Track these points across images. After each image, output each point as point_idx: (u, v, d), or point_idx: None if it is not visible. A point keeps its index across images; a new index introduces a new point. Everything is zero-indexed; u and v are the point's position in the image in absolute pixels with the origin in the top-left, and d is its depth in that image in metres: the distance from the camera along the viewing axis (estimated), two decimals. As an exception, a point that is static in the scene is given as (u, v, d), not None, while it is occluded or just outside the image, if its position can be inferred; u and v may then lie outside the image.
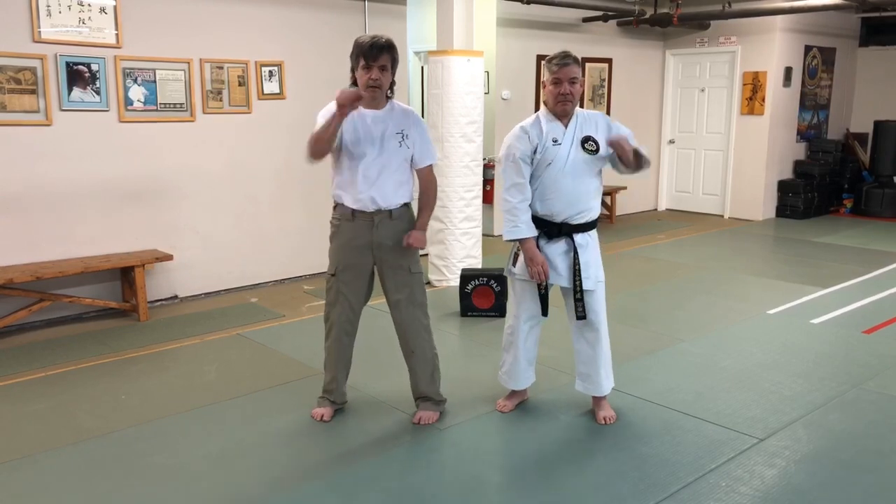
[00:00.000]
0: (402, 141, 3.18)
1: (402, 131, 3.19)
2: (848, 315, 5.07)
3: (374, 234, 3.19)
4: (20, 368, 4.14)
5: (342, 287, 3.28)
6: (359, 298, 3.32)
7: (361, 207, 3.17)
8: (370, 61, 3.05)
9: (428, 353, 3.40)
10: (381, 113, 3.18)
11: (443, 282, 5.87)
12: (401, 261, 3.25)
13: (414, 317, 3.32)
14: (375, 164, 3.14)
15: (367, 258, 3.24)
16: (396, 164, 3.18)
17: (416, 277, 3.30)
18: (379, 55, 3.05)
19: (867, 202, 9.12)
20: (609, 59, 8.80)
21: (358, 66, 3.09)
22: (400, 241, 3.21)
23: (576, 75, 3.14)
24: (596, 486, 2.85)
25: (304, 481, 2.91)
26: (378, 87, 3.10)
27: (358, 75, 3.11)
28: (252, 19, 5.59)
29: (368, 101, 3.12)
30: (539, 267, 3.27)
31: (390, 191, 3.18)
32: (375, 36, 3.08)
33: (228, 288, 5.78)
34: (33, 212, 4.82)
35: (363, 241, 3.21)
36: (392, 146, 3.16)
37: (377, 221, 3.18)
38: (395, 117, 3.20)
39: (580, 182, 3.18)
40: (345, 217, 3.22)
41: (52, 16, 4.70)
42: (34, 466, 3.04)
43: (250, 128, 5.69)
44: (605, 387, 3.40)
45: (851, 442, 3.21)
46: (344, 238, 3.24)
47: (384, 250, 3.22)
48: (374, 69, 3.06)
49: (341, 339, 3.36)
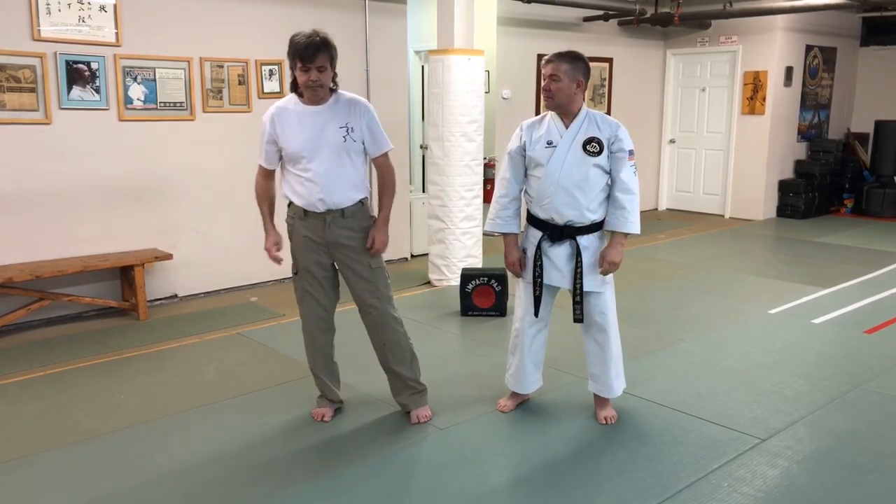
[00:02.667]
0: (347, 135, 3.07)
1: (346, 124, 3.07)
2: (849, 315, 5.06)
3: (327, 234, 3.12)
4: (19, 368, 4.12)
5: (306, 285, 3.23)
6: (326, 295, 3.25)
7: (311, 208, 3.11)
8: (307, 63, 2.95)
9: (402, 341, 3.31)
10: (322, 108, 3.08)
11: (443, 281, 5.86)
12: (358, 257, 3.17)
13: (381, 311, 3.23)
14: (319, 163, 3.05)
15: (324, 256, 3.18)
16: (343, 160, 3.08)
17: (377, 272, 3.21)
18: (315, 55, 2.93)
19: (868, 202, 9.11)
20: (610, 59, 8.79)
21: (296, 67, 2.99)
22: (355, 238, 3.13)
23: (555, 72, 3.07)
24: (597, 486, 2.84)
25: (303, 481, 2.89)
26: (319, 87, 3.02)
27: (297, 75, 3.01)
28: (252, 18, 5.57)
29: (312, 98, 3.06)
30: (511, 266, 3.30)
31: (339, 189, 3.08)
32: (310, 35, 2.97)
33: (228, 287, 5.77)
34: (33, 211, 4.81)
35: (318, 239, 3.14)
36: (335, 142, 3.06)
37: (329, 220, 3.11)
38: (338, 110, 3.09)
39: (581, 184, 3.11)
40: (297, 216, 3.16)
41: (51, 14, 4.68)
42: (32, 466, 3.03)
43: (250, 127, 5.66)
44: (616, 388, 3.38)
45: (853, 442, 3.20)
46: (299, 236, 3.18)
47: (339, 248, 3.15)
48: (313, 70, 2.96)
49: (315, 338, 3.31)
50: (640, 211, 3.20)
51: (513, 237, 3.33)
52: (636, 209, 3.16)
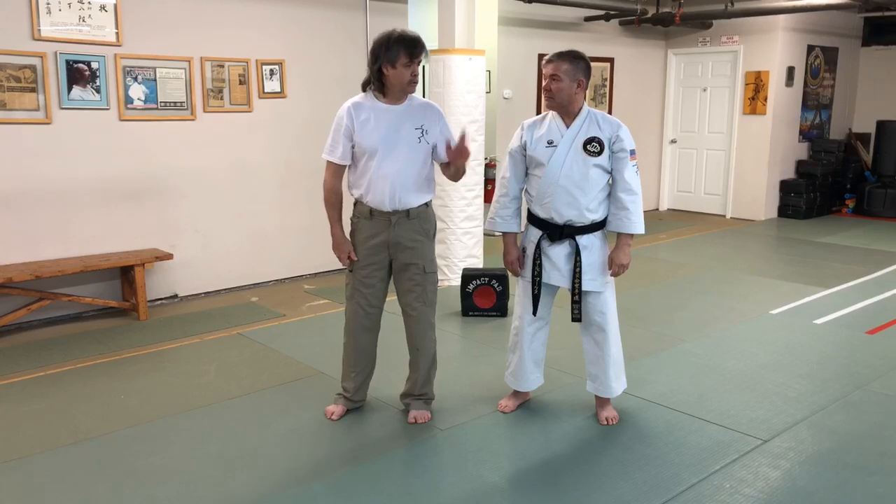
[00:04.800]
0: (422, 136, 3.12)
1: (421, 126, 3.12)
2: (851, 315, 5.04)
3: (390, 234, 3.16)
4: (18, 368, 4.11)
5: (357, 284, 3.26)
6: (376, 295, 3.29)
7: (378, 207, 3.14)
8: (414, 57, 3.01)
9: (431, 352, 3.39)
10: (400, 108, 3.12)
11: (444, 281, 5.85)
12: (416, 260, 3.21)
13: (424, 315, 3.30)
14: (392, 163, 3.09)
15: (383, 255, 3.21)
16: (415, 161, 3.12)
17: (430, 277, 3.27)
18: (422, 52, 3.03)
19: (869, 202, 9.10)
20: (611, 59, 8.78)
21: (396, 61, 2.99)
22: (417, 241, 3.17)
23: (556, 72, 3.07)
24: (598, 487, 2.83)
25: (303, 482, 2.88)
26: (416, 83, 3.08)
27: (396, 71, 3.01)
28: (253, 18, 5.57)
29: (399, 97, 3.11)
30: (509, 264, 3.31)
31: (408, 191, 3.13)
32: (407, 31, 3.05)
33: (228, 287, 5.76)
34: (33, 210, 4.80)
35: (380, 238, 3.18)
36: (410, 143, 3.10)
37: (394, 221, 3.15)
38: (414, 112, 3.14)
39: (581, 183, 3.11)
40: (363, 215, 3.19)
41: (51, 13, 4.68)
42: (31, 467, 3.02)
43: (251, 127, 5.67)
44: (615, 388, 3.37)
45: (856, 443, 3.18)
46: (362, 235, 3.21)
47: (400, 249, 3.19)
48: (415, 65, 3.03)
49: (358, 336, 3.34)
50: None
51: (512, 236, 3.33)
52: (639, 209, 3.15)
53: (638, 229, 3.15)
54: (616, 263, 3.18)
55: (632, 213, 3.14)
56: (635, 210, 3.14)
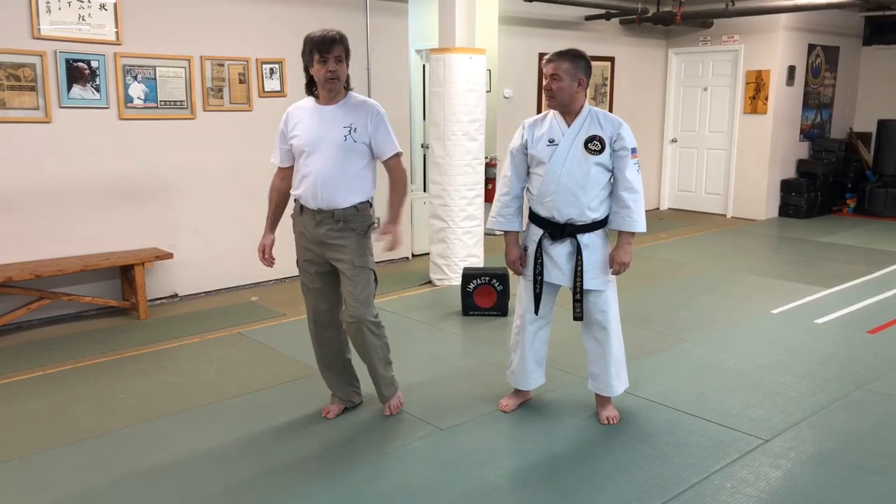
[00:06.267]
0: (349, 135, 3.08)
1: (350, 125, 3.09)
2: (852, 315, 5.04)
3: (315, 232, 3.16)
4: (18, 367, 4.11)
5: (304, 279, 3.29)
6: (324, 290, 3.26)
7: (306, 204, 3.16)
8: (325, 53, 3.01)
9: (377, 343, 3.29)
10: (331, 107, 3.12)
11: (444, 281, 5.84)
12: (342, 255, 3.16)
13: (355, 313, 3.19)
14: (315, 161, 3.09)
15: (316, 252, 3.21)
16: (340, 160, 3.09)
17: (360, 271, 3.17)
18: (332, 47, 3.00)
19: (870, 202, 9.09)
20: (612, 58, 8.77)
21: (313, 62, 3.04)
22: (341, 238, 3.13)
23: (556, 71, 3.07)
24: (599, 486, 2.82)
25: (303, 481, 2.88)
26: (336, 80, 3.06)
27: (314, 71, 3.06)
28: (253, 16, 5.56)
29: (326, 96, 3.11)
30: (511, 264, 3.31)
31: (332, 189, 3.09)
32: (326, 29, 3.06)
33: (228, 286, 5.76)
34: (33, 209, 4.79)
35: (309, 236, 3.19)
36: (335, 141, 3.07)
37: (318, 220, 3.14)
38: (346, 110, 3.13)
39: (582, 182, 3.10)
40: (296, 211, 3.23)
41: (51, 12, 4.67)
42: (31, 467, 3.01)
43: (251, 126, 5.66)
44: (616, 387, 3.36)
45: (857, 443, 3.18)
46: (296, 231, 3.25)
47: (328, 248, 3.17)
48: (330, 61, 3.02)
49: (318, 332, 3.34)
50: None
51: (514, 235, 3.33)
52: (641, 208, 3.15)
53: (639, 228, 3.14)
54: (617, 262, 3.17)
55: (633, 211, 3.13)
56: (637, 208, 3.13)
